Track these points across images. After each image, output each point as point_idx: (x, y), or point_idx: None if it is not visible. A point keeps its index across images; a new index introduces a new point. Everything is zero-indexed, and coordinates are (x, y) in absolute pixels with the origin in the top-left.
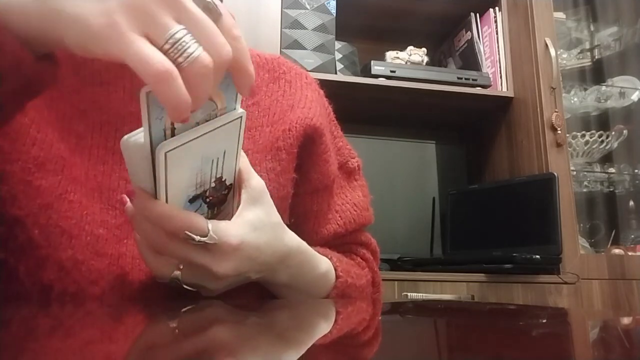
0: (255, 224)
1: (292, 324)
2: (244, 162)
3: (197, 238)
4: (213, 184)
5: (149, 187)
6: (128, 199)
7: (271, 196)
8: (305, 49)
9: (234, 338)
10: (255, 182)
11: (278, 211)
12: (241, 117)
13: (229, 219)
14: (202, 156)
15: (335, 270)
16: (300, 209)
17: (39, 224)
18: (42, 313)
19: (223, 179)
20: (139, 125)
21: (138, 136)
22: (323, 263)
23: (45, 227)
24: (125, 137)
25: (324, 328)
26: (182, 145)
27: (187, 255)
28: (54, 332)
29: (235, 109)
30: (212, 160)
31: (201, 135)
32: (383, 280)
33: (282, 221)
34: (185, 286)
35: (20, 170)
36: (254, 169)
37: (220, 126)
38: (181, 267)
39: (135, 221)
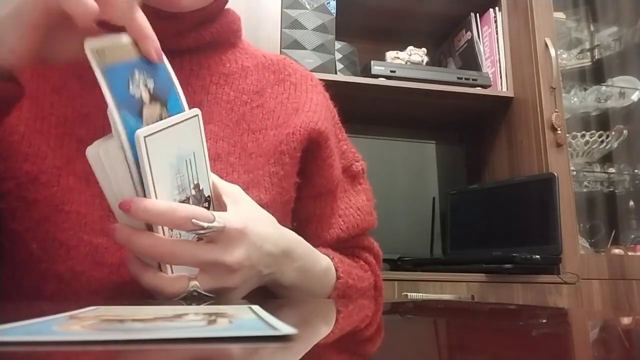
0: (250, 215)
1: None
2: (213, 175)
3: (206, 225)
4: (193, 192)
5: (132, 193)
6: (116, 227)
7: (274, 200)
8: (305, 49)
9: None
10: (230, 187)
11: (280, 215)
12: (197, 115)
13: None
14: (177, 154)
15: (336, 270)
16: (303, 213)
17: (37, 238)
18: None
19: (201, 188)
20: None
21: (106, 140)
22: (323, 259)
23: (43, 241)
24: (90, 147)
25: (326, 327)
26: (157, 132)
27: (197, 254)
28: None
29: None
30: (186, 161)
31: (169, 127)
32: (383, 280)
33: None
34: (206, 293)
35: (16, 187)
36: (257, 173)
37: (182, 121)
38: (194, 276)
39: (134, 239)
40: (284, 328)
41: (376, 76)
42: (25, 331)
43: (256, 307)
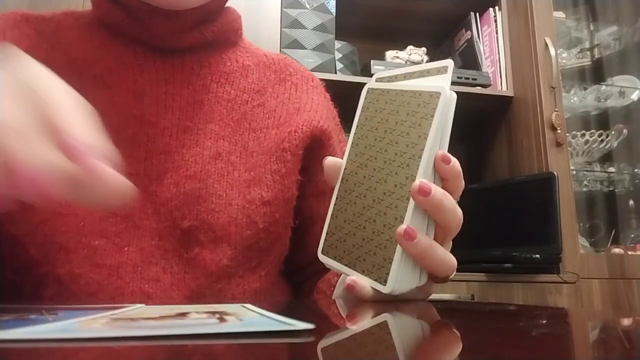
0: None
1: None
2: None
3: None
4: None
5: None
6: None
7: (276, 197)
8: (305, 48)
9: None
10: None
11: (282, 213)
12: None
13: None
14: None
15: None
16: (307, 212)
17: (36, 242)
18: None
19: None
20: (142, 128)
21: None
22: None
23: (42, 245)
24: (439, 86)
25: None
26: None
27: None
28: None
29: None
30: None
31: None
32: None
33: None
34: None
35: None
36: (258, 170)
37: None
38: None
39: (434, 187)
40: (299, 324)
41: None
42: (50, 329)
43: (249, 305)
